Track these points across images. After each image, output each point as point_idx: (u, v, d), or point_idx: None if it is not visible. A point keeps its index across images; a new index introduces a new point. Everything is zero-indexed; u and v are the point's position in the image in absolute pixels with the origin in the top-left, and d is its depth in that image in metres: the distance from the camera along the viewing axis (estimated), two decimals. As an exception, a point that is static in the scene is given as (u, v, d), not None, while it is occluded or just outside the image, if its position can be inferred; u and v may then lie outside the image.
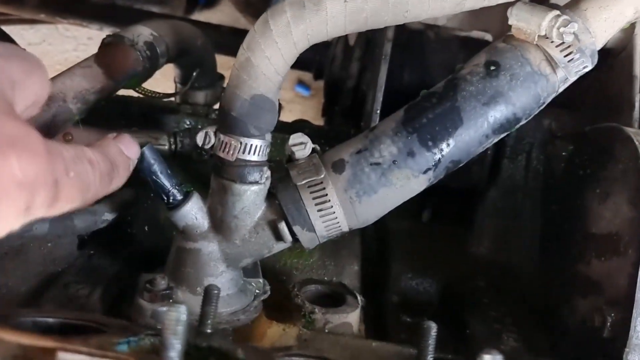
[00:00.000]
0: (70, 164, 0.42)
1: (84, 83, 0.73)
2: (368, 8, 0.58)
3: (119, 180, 0.52)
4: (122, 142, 0.56)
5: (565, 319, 0.78)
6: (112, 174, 0.50)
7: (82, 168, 0.45)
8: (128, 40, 0.81)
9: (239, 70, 0.59)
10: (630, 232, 0.67)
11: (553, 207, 0.88)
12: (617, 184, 0.71)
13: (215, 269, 0.66)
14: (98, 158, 0.48)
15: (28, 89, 0.45)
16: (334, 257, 0.87)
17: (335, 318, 0.70)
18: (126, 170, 0.54)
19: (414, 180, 0.64)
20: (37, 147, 0.38)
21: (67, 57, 2.47)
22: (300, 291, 0.74)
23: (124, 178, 0.53)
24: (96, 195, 0.47)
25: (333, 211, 0.64)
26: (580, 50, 0.64)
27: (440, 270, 0.92)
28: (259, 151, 0.62)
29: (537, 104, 0.66)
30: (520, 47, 0.65)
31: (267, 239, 0.66)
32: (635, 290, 0.64)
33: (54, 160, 0.40)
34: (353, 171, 0.64)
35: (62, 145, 0.43)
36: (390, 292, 0.91)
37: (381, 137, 0.65)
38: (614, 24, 0.67)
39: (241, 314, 0.67)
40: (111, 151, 0.52)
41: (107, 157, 0.50)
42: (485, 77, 0.64)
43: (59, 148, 0.42)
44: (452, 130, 0.64)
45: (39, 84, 0.47)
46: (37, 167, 0.38)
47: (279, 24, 0.57)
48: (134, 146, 0.57)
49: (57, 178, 0.40)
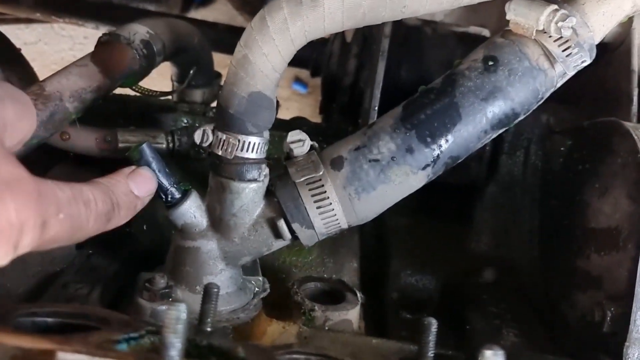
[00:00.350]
0: (63, 205, 0.42)
1: (81, 82, 0.72)
2: (365, 4, 0.58)
3: (118, 220, 0.51)
4: (134, 179, 0.54)
5: (566, 314, 0.78)
6: (111, 214, 0.49)
7: (76, 210, 0.44)
8: (124, 39, 0.81)
9: (236, 67, 0.59)
10: (630, 227, 0.67)
11: (552, 203, 0.88)
12: (616, 179, 0.71)
13: (215, 267, 0.66)
14: (97, 197, 0.47)
15: (18, 130, 0.46)
16: (333, 255, 0.87)
17: (335, 315, 0.70)
18: (130, 211, 0.53)
19: (413, 177, 0.64)
20: (29, 189, 0.39)
21: (64, 57, 2.46)
22: (299, 289, 0.73)
23: (125, 218, 0.52)
24: (88, 235, 0.47)
25: (332, 208, 0.64)
26: (579, 45, 0.64)
27: (440, 266, 0.92)
28: (257, 149, 0.62)
29: (535, 99, 0.65)
30: (518, 42, 0.65)
31: (266, 237, 0.66)
32: (635, 285, 0.63)
33: (45, 202, 0.40)
34: (352, 168, 0.64)
35: (57, 186, 0.43)
36: (390, 288, 0.91)
37: (379, 134, 0.64)
38: (612, 18, 0.67)
39: (241, 312, 0.67)
40: (117, 190, 0.51)
41: (109, 197, 0.49)
42: (483, 73, 0.64)
43: (53, 189, 0.42)
44: (451, 126, 0.63)
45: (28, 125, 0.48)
46: (28, 209, 0.38)
47: (276, 20, 0.57)
48: (147, 184, 0.56)
49: (45, 220, 0.40)
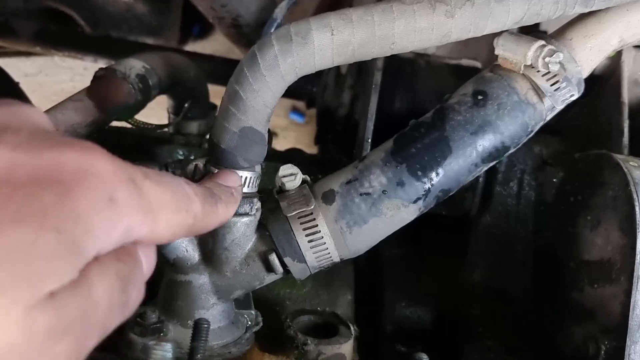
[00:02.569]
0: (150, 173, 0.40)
1: (76, 117, 0.73)
2: (355, 41, 0.59)
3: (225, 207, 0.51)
4: (217, 177, 0.56)
5: (560, 347, 0.77)
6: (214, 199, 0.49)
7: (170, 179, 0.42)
8: (120, 74, 0.82)
9: (227, 103, 0.60)
10: (622, 259, 0.67)
11: (545, 234, 0.88)
12: (607, 211, 0.71)
13: (207, 302, 0.66)
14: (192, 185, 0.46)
15: None
16: (327, 287, 0.87)
17: (328, 349, 0.70)
18: (230, 197, 0.54)
19: (404, 210, 0.64)
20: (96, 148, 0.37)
21: (64, 88, 2.49)
22: (292, 322, 0.73)
23: (231, 204, 0.53)
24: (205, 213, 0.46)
25: (324, 242, 0.64)
26: (567, 79, 0.65)
27: (434, 298, 0.91)
28: (248, 183, 0.62)
29: (525, 132, 0.66)
30: (507, 76, 0.66)
31: (258, 271, 0.66)
32: (629, 318, 0.63)
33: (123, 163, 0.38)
34: (343, 201, 0.64)
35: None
36: (384, 321, 0.91)
37: (371, 167, 0.65)
38: (599, 53, 0.68)
39: (233, 346, 0.67)
40: (207, 184, 0.52)
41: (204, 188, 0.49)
42: (473, 107, 0.65)
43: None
44: (441, 160, 0.64)
45: None
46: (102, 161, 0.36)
47: (266, 57, 0.58)
48: (232, 176, 0.58)
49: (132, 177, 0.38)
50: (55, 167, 0.34)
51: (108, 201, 0.35)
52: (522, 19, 0.62)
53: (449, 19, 0.59)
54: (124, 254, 0.38)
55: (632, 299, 0.64)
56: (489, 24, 0.61)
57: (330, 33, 0.58)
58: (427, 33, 0.60)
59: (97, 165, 0.36)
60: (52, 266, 0.32)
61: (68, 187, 0.34)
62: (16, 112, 0.38)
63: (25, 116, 0.38)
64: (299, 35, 0.58)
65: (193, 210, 0.44)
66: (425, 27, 0.59)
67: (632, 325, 0.64)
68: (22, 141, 0.34)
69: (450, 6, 0.59)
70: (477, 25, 0.60)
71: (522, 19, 0.62)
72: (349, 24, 0.58)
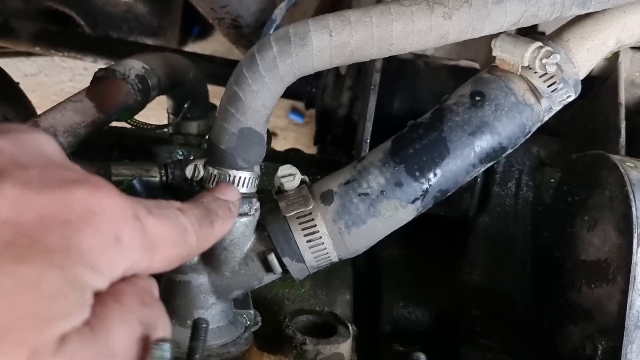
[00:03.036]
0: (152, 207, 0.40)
1: (75, 117, 0.73)
2: (353, 42, 0.59)
3: (222, 223, 0.51)
4: (216, 191, 0.56)
5: (558, 347, 0.77)
6: (211, 217, 0.49)
7: (168, 212, 0.43)
8: (119, 74, 0.83)
9: (226, 104, 0.60)
10: (619, 260, 0.67)
11: (543, 234, 0.88)
12: (604, 211, 0.72)
13: (205, 302, 0.66)
14: (188, 206, 0.46)
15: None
16: (326, 287, 0.87)
17: (327, 349, 0.70)
18: (227, 212, 0.53)
19: (403, 210, 0.65)
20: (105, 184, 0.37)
21: (63, 88, 2.49)
22: (291, 322, 0.73)
23: (228, 220, 0.53)
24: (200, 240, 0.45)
25: (322, 242, 0.64)
26: (564, 80, 0.66)
27: (433, 298, 0.92)
28: (247, 183, 0.63)
29: (522, 133, 0.66)
30: (504, 77, 0.66)
31: (257, 271, 0.66)
32: (625, 318, 0.64)
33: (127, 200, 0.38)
34: (341, 202, 0.64)
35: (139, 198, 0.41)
36: (382, 321, 0.91)
37: (369, 168, 0.65)
38: (596, 54, 0.69)
39: (232, 346, 0.67)
40: (204, 200, 0.52)
41: (199, 205, 0.49)
42: (470, 108, 0.65)
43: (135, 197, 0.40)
44: (439, 160, 0.64)
45: None
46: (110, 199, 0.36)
47: (265, 58, 0.58)
48: (230, 190, 0.57)
49: (137, 214, 0.38)
50: (64, 207, 0.34)
51: (113, 240, 0.35)
52: (520, 20, 0.62)
53: (447, 21, 0.60)
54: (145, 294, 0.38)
55: (628, 299, 0.64)
56: (486, 26, 0.61)
57: (329, 34, 0.58)
58: (425, 34, 0.60)
59: (104, 204, 0.36)
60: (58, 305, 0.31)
61: (75, 228, 0.34)
62: (26, 142, 0.37)
63: (35, 148, 0.37)
64: (297, 37, 0.58)
65: (189, 242, 0.44)
66: (423, 29, 0.60)
67: (628, 325, 0.64)
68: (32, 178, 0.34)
69: (448, 8, 0.59)
70: (474, 26, 0.61)
71: (520, 21, 0.62)
72: (347, 26, 0.59)
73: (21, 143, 0.36)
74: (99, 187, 0.36)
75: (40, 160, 0.36)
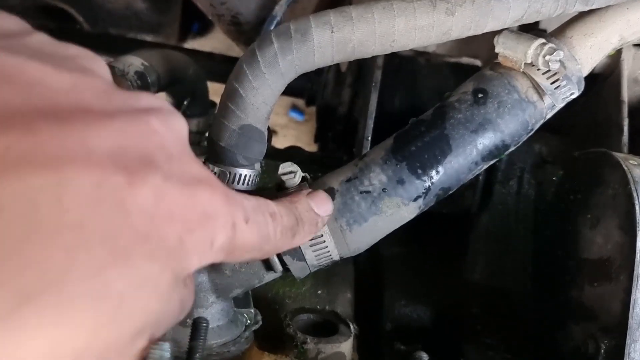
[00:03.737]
0: (249, 211, 0.42)
1: (74, 114, 0.73)
2: (355, 38, 0.59)
3: (302, 237, 0.52)
4: (314, 199, 0.56)
5: (560, 345, 0.77)
6: (296, 229, 0.50)
7: (262, 219, 0.44)
8: (119, 71, 0.82)
9: (227, 100, 0.60)
10: (621, 258, 0.67)
11: (545, 232, 0.87)
12: (607, 209, 0.71)
13: (205, 300, 0.65)
14: (282, 212, 0.48)
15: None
16: (327, 285, 0.87)
17: (328, 348, 0.70)
18: (313, 227, 0.55)
19: (404, 208, 0.64)
20: (218, 187, 0.38)
21: (62, 85, 2.47)
22: (292, 321, 0.73)
23: (309, 234, 0.54)
24: (276, 249, 0.47)
25: (323, 240, 0.64)
26: (567, 78, 0.65)
27: (434, 296, 0.91)
28: (248, 181, 0.62)
29: (525, 130, 0.66)
30: (507, 74, 0.66)
31: (258, 269, 0.65)
32: (628, 317, 0.63)
33: (233, 203, 0.40)
34: (343, 200, 0.64)
35: (243, 195, 0.43)
36: (384, 319, 0.90)
37: (371, 166, 0.65)
38: (599, 51, 0.68)
39: (232, 345, 0.66)
40: (299, 207, 0.53)
41: (292, 212, 0.50)
42: (473, 105, 0.65)
43: (239, 195, 0.42)
44: (441, 158, 0.64)
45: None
46: (220, 204, 0.38)
47: (266, 55, 0.58)
48: (327, 204, 0.58)
49: (235, 222, 0.39)
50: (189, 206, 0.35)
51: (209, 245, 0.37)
52: (523, 16, 0.61)
53: (450, 17, 0.59)
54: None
55: (631, 298, 0.64)
56: (489, 22, 0.61)
57: (330, 30, 0.58)
58: (428, 31, 0.59)
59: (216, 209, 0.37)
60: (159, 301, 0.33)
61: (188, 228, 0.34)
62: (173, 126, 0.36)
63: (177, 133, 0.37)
64: (298, 33, 0.58)
65: (265, 249, 0.45)
66: (426, 25, 0.59)
67: (632, 324, 0.63)
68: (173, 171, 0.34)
69: (450, 4, 0.59)
70: (477, 23, 0.60)
71: (523, 17, 0.62)
72: (349, 22, 0.58)
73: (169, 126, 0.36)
74: (216, 190, 0.37)
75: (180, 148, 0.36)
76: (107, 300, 0.29)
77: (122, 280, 0.29)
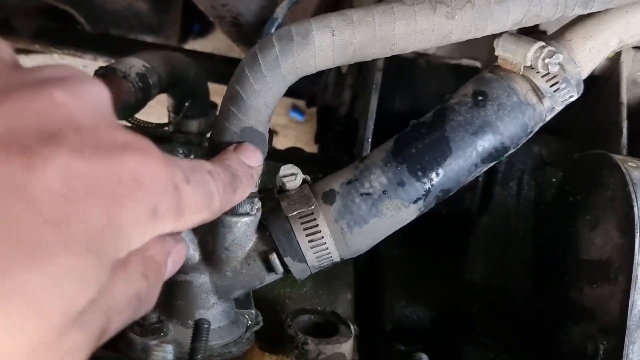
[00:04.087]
0: (188, 171, 0.40)
1: (76, 116, 0.73)
2: (356, 41, 0.59)
3: (243, 190, 0.51)
4: (242, 152, 0.56)
5: (559, 346, 0.77)
6: (235, 184, 0.49)
7: (201, 177, 0.42)
8: (120, 72, 0.82)
9: (228, 103, 0.60)
10: (620, 259, 0.67)
11: (545, 233, 0.88)
12: (606, 211, 0.72)
13: (207, 301, 0.66)
14: (217, 169, 0.46)
15: None
16: (328, 286, 0.87)
17: (328, 349, 0.70)
18: (249, 179, 0.54)
19: (405, 210, 0.65)
20: (151, 150, 0.35)
21: (63, 85, 2.48)
22: (293, 321, 0.73)
23: (248, 187, 0.53)
24: (222, 205, 0.45)
25: (324, 242, 0.64)
26: (566, 80, 0.65)
27: (434, 297, 0.92)
28: (249, 183, 0.62)
29: (524, 133, 0.66)
30: (506, 77, 0.66)
31: (259, 270, 0.66)
32: (626, 318, 0.64)
33: (171, 165, 0.37)
34: (343, 202, 0.64)
35: (177, 157, 0.40)
36: (384, 320, 0.91)
37: (371, 168, 0.65)
38: (598, 54, 0.69)
39: (233, 346, 0.67)
40: (232, 163, 0.52)
41: (227, 169, 0.49)
42: (473, 107, 0.65)
43: (174, 158, 0.39)
44: (441, 160, 0.64)
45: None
46: (155, 168, 0.35)
47: (267, 57, 0.58)
48: (256, 155, 0.57)
49: (176, 183, 0.37)
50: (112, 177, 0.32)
51: (151, 213, 0.34)
52: (522, 20, 0.62)
53: (450, 20, 0.59)
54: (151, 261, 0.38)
55: (630, 299, 0.64)
56: (489, 25, 0.61)
57: (331, 34, 0.58)
58: (428, 34, 0.60)
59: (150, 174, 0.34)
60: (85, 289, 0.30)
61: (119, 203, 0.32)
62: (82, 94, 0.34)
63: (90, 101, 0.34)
64: (299, 36, 0.58)
65: (213, 209, 0.44)
66: (426, 28, 0.59)
67: (630, 325, 0.64)
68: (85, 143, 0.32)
69: (450, 7, 0.59)
70: (477, 26, 0.61)
71: (522, 20, 0.62)
72: (349, 25, 0.58)
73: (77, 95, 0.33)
74: (146, 153, 0.35)
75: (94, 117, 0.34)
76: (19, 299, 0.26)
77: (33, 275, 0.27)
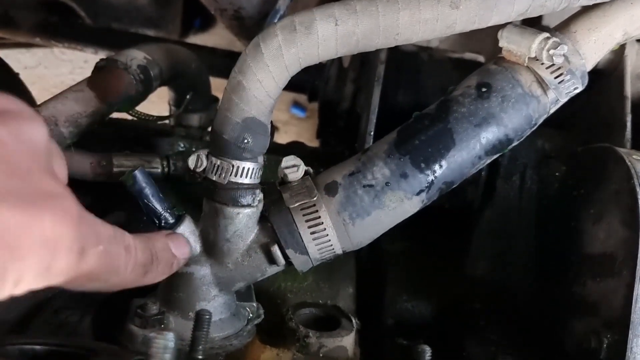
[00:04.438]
0: (103, 239, 0.40)
1: (76, 107, 0.73)
2: (359, 31, 0.58)
3: (154, 276, 0.50)
4: (173, 240, 0.56)
5: (563, 341, 0.77)
6: (149, 267, 0.48)
7: (116, 249, 0.42)
8: (121, 64, 0.82)
9: (230, 93, 0.59)
10: (624, 253, 0.67)
11: (548, 227, 0.87)
12: (610, 205, 0.71)
13: (208, 294, 0.65)
14: (137, 246, 0.46)
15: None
16: (329, 280, 0.87)
17: (330, 342, 0.70)
18: (167, 267, 0.53)
19: (407, 202, 0.64)
20: (71, 209, 0.36)
21: (63, 80, 2.47)
22: (294, 315, 0.73)
23: (161, 275, 0.52)
24: (124, 283, 0.45)
25: (326, 234, 0.63)
26: (571, 72, 0.65)
27: (436, 292, 0.91)
28: (251, 174, 0.62)
29: (528, 125, 0.66)
30: (511, 68, 0.65)
31: (260, 263, 0.65)
32: (630, 312, 0.63)
33: (85, 228, 0.38)
34: (346, 193, 0.64)
35: (100, 220, 0.41)
36: (386, 314, 0.90)
37: (374, 159, 0.65)
38: (603, 46, 0.68)
39: (234, 338, 0.66)
40: (157, 245, 0.51)
41: (149, 249, 0.49)
42: (476, 99, 0.65)
43: (95, 221, 0.40)
44: (445, 152, 0.64)
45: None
46: (67, 228, 0.35)
47: (270, 47, 0.58)
48: (184, 247, 0.58)
49: (84, 247, 0.37)
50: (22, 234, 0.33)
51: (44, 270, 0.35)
52: (527, 10, 0.61)
53: (454, 10, 0.59)
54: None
55: (634, 293, 0.64)
56: (493, 16, 0.60)
57: (334, 23, 0.58)
58: (432, 24, 0.59)
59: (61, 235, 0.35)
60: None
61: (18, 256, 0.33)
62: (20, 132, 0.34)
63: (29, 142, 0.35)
64: (302, 26, 0.58)
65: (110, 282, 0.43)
66: (430, 18, 0.59)
67: (634, 319, 0.63)
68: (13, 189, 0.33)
69: (455, -3, 0.59)
70: (481, 16, 0.60)
71: (527, 11, 0.61)
72: (353, 15, 0.58)
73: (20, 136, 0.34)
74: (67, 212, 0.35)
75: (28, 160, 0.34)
76: None
77: None
